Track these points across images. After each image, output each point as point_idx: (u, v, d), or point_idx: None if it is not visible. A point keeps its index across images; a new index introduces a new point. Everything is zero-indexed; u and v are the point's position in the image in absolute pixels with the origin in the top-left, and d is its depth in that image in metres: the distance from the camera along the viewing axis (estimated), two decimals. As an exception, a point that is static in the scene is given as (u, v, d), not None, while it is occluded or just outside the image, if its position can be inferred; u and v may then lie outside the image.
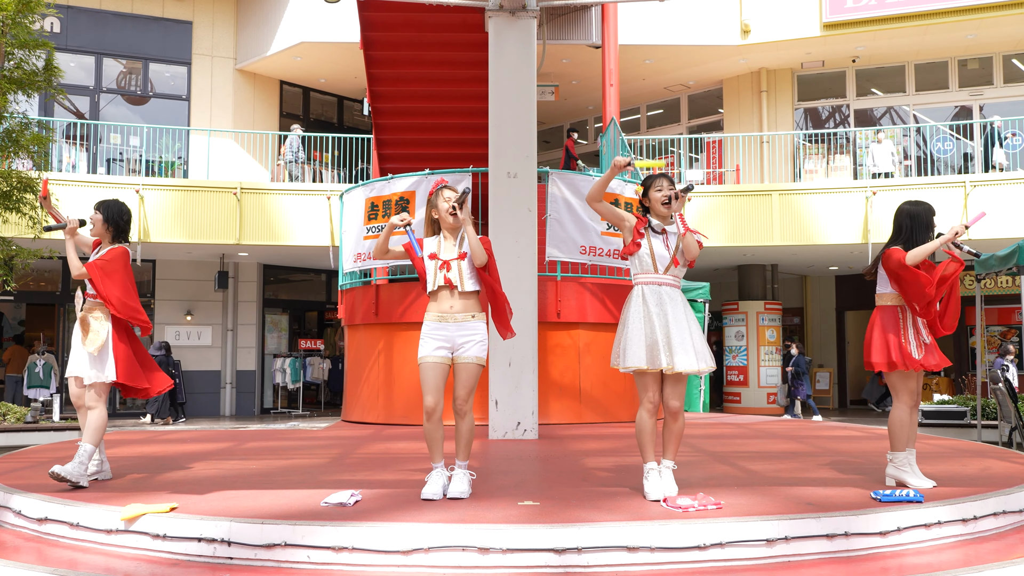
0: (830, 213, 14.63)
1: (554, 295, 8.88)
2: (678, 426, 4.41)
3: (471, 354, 4.41)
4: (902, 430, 4.64)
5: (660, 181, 4.45)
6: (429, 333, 4.43)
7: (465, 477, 4.41)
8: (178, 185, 14.96)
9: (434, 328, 4.43)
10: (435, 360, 4.38)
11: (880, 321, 4.69)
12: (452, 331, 4.41)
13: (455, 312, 4.42)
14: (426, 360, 4.38)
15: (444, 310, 4.43)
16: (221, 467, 5.64)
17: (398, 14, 10.20)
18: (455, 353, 4.42)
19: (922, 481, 4.52)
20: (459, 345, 4.41)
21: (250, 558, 3.63)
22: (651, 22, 15.80)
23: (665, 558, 3.56)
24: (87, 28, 16.72)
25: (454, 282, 4.41)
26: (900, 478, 4.58)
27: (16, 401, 15.15)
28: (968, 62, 17.02)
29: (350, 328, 10.24)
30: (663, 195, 4.37)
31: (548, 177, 8.84)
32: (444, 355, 4.40)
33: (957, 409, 11.19)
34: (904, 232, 4.67)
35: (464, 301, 4.44)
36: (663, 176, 4.49)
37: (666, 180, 4.46)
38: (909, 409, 4.65)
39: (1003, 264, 9.71)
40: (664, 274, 4.34)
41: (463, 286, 4.42)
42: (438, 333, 4.41)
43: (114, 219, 5.03)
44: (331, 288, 19.09)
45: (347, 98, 19.30)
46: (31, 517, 4.27)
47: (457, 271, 4.43)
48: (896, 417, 4.66)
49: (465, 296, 4.44)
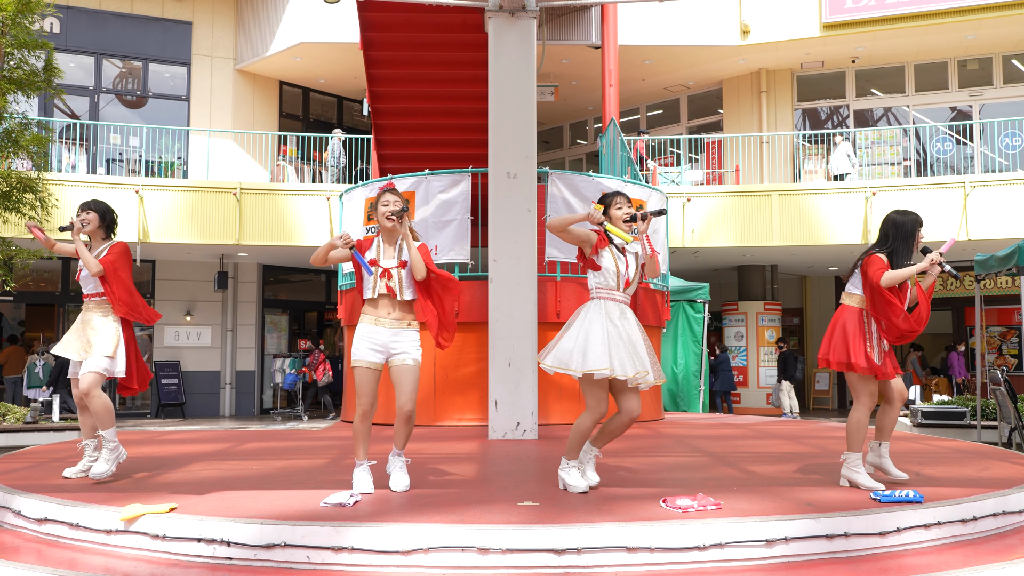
0: (830, 213, 14.64)
1: (554, 295, 8.88)
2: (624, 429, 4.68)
3: (409, 357, 4.48)
4: (859, 431, 4.64)
5: (619, 199, 4.56)
6: (363, 336, 4.49)
7: (404, 467, 4.60)
8: (178, 185, 14.96)
9: (368, 332, 4.49)
10: (368, 365, 4.48)
11: (845, 322, 4.67)
12: (386, 337, 4.48)
13: (392, 318, 4.49)
14: (359, 365, 4.48)
15: (381, 315, 4.49)
16: (221, 467, 5.64)
17: (398, 14, 10.20)
18: (389, 358, 4.50)
19: (871, 483, 4.50)
20: (393, 351, 4.49)
21: (249, 558, 3.63)
22: (651, 22, 15.81)
23: (665, 558, 3.56)
24: (87, 28, 16.72)
25: (395, 291, 4.47)
26: (852, 478, 4.59)
27: (16, 402, 15.14)
28: (968, 62, 17.03)
29: (350, 328, 10.24)
30: (624, 213, 4.51)
31: (548, 177, 8.84)
32: (378, 360, 4.49)
33: (957, 410, 11.19)
34: (889, 241, 4.70)
35: (401, 310, 4.51)
36: (620, 193, 4.60)
37: (623, 197, 4.58)
38: (868, 411, 4.67)
39: (1003, 265, 9.70)
40: (623, 291, 4.50)
41: (402, 295, 4.49)
42: (373, 338, 4.48)
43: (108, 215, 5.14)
44: (331, 288, 19.09)
45: (347, 98, 19.31)
46: (31, 517, 4.27)
47: (397, 280, 4.48)
48: (855, 418, 4.65)
49: (403, 305, 4.52)
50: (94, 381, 4.87)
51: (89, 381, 4.85)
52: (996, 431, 10.47)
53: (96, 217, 5.09)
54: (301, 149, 17.30)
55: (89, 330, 4.94)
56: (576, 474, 4.56)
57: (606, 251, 4.50)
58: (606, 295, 4.48)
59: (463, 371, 8.58)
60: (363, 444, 4.54)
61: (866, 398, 4.65)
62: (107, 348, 4.88)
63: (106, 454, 4.90)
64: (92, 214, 5.09)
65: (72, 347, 4.95)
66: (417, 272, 4.46)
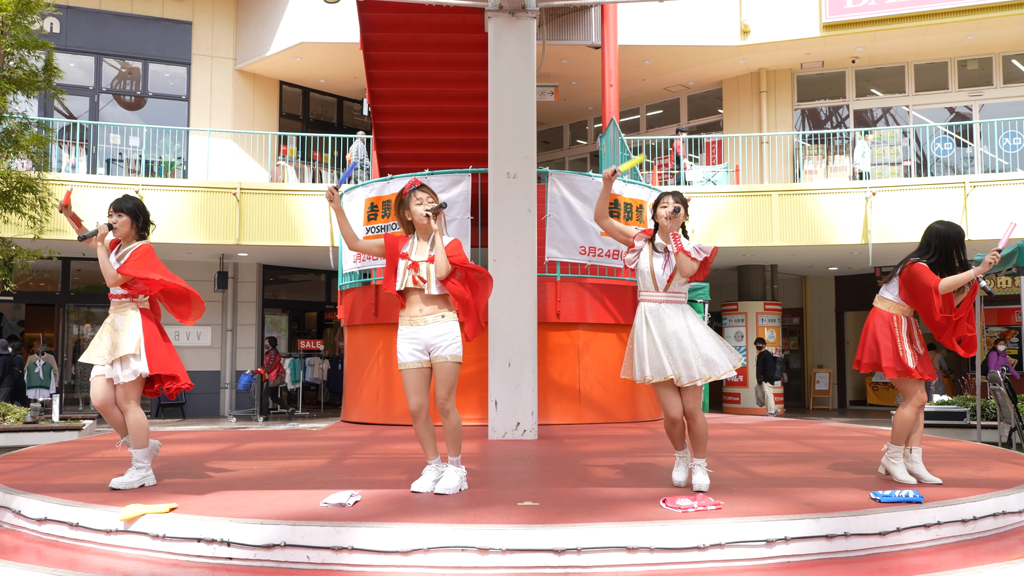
0: (830, 214, 14.64)
1: (554, 295, 8.88)
2: (697, 428, 4.59)
3: (447, 353, 4.50)
4: (904, 427, 4.80)
5: (666, 199, 4.60)
6: (404, 338, 4.54)
7: (456, 474, 4.53)
8: (178, 185, 14.96)
9: (407, 332, 4.53)
10: (413, 366, 4.51)
11: (876, 326, 4.84)
12: (424, 334, 4.50)
13: (425, 315, 4.50)
14: (406, 367, 4.52)
15: (414, 314, 4.52)
16: (220, 467, 5.64)
17: (398, 14, 10.20)
18: (431, 355, 4.51)
19: (905, 476, 4.71)
20: (433, 346, 4.50)
21: (249, 558, 3.63)
22: (651, 22, 15.81)
23: (664, 558, 3.56)
24: (87, 28, 16.72)
25: (420, 283, 4.47)
26: (888, 468, 4.82)
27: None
28: (968, 63, 17.03)
29: (350, 328, 10.24)
30: (668, 211, 4.56)
31: (548, 177, 8.84)
32: (421, 358, 4.51)
33: (957, 410, 11.19)
34: (933, 252, 4.76)
35: (432, 304, 4.51)
36: (670, 194, 4.62)
37: (671, 196, 4.59)
38: (916, 409, 4.81)
39: (1003, 265, 9.70)
40: (663, 291, 4.54)
41: (430, 288, 4.47)
42: (412, 338, 4.52)
43: (139, 215, 4.84)
44: (331, 288, 19.09)
45: (347, 98, 19.31)
46: (31, 517, 4.27)
47: (426, 272, 4.47)
48: (902, 414, 4.81)
49: (433, 299, 4.51)
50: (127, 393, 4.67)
51: (121, 395, 4.68)
52: (996, 431, 10.47)
53: (128, 220, 4.80)
54: (301, 149, 17.30)
55: (112, 332, 4.72)
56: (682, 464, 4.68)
57: (641, 253, 4.62)
58: (644, 296, 4.59)
59: (463, 371, 8.51)
60: (425, 444, 4.59)
61: (914, 398, 4.82)
62: (131, 347, 4.65)
63: (132, 471, 4.69)
64: (124, 217, 4.78)
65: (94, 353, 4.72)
66: (438, 270, 4.44)
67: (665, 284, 4.52)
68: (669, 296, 4.55)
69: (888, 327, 4.78)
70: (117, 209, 4.81)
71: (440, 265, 4.43)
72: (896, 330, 4.76)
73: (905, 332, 4.76)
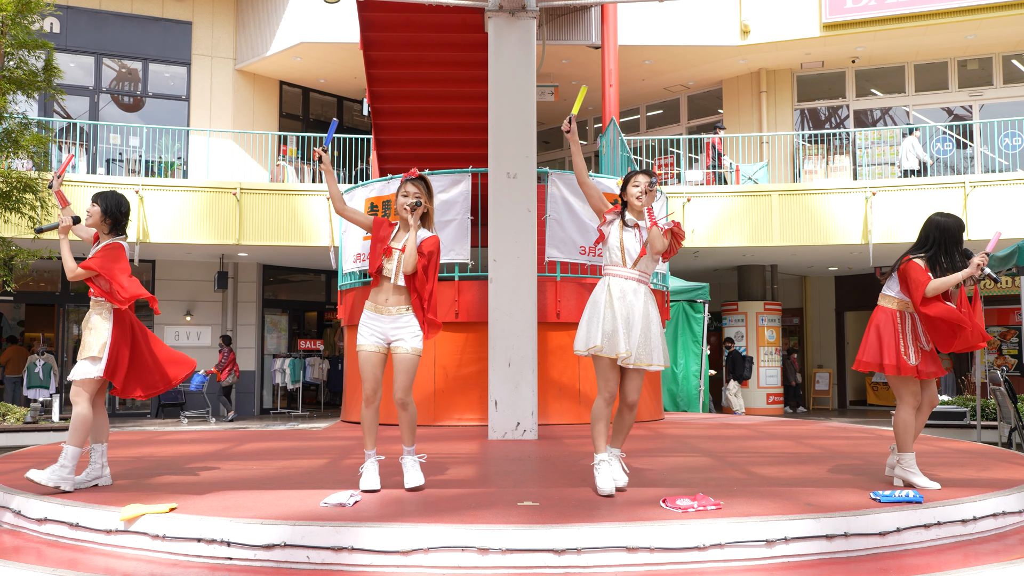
0: (830, 213, 14.63)
1: (554, 295, 8.88)
2: (630, 419, 4.58)
3: (408, 346, 4.51)
4: (906, 431, 4.66)
5: (637, 177, 4.56)
6: (365, 322, 4.58)
7: (416, 464, 4.57)
8: (178, 185, 14.96)
9: (370, 317, 4.57)
10: (371, 349, 4.53)
11: (878, 322, 4.72)
12: (386, 323, 4.53)
13: (389, 305, 4.53)
14: (363, 349, 4.54)
15: (380, 301, 4.55)
16: (220, 467, 5.64)
17: (398, 14, 10.20)
18: (391, 344, 4.54)
19: (928, 483, 4.52)
20: (393, 337, 4.53)
21: (249, 558, 3.63)
22: (651, 22, 15.81)
23: (664, 558, 3.56)
24: (87, 28, 16.72)
25: (387, 272, 4.51)
26: (908, 479, 4.60)
27: (16, 401, 15.15)
28: (968, 62, 17.03)
29: (350, 328, 10.24)
30: (639, 190, 4.50)
31: (548, 177, 8.84)
32: (380, 344, 4.54)
33: (957, 410, 11.19)
34: (931, 245, 4.63)
35: (398, 294, 4.54)
36: (642, 172, 4.58)
37: (643, 176, 4.54)
38: (912, 411, 4.67)
39: (1003, 265, 9.71)
40: (631, 268, 4.47)
41: (395, 278, 4.51)
42: (373, 324, 4.56)
43: (112, 211, 4.78)
44: (331, 288, 19.09)
45: (347, 98, 19.31)
46: (31, 517, 4.27)
47: (395, 262, 4.50)
48: (899, 419, 4.68)
49: (399, 290, 4.54)
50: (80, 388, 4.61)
51: (73, 390, 4.63)
52: (996, 431, 10.47)
53: (98, 211, 4.76)
54: (301, 149, 17.30)
55: (86, 330, 4.72)
56: (604, 469, 4.39)
57: (612, 226, 4.53)
58: (611, 272, 4.49)
59: (463, 371, 8.58)
60: (369, 433, 4.57)
61: (908, 398, 4.68)
62: (95, 349, 4.61)
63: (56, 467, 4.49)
64: (95, 207, 4.76)
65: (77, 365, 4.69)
66: (406, 265, 4.47)
67: (635, 260, 4.45)
68: (638, 274, 4.46)
69: (892, 323, 4.67)
70: (93, 200, 4.81)
71: (408, 260, 4.47)
72: (899, 326, 4.65)
73: (909, 328, 4.65)
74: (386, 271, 4.51)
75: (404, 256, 4.47)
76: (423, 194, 4.59)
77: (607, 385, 4.43)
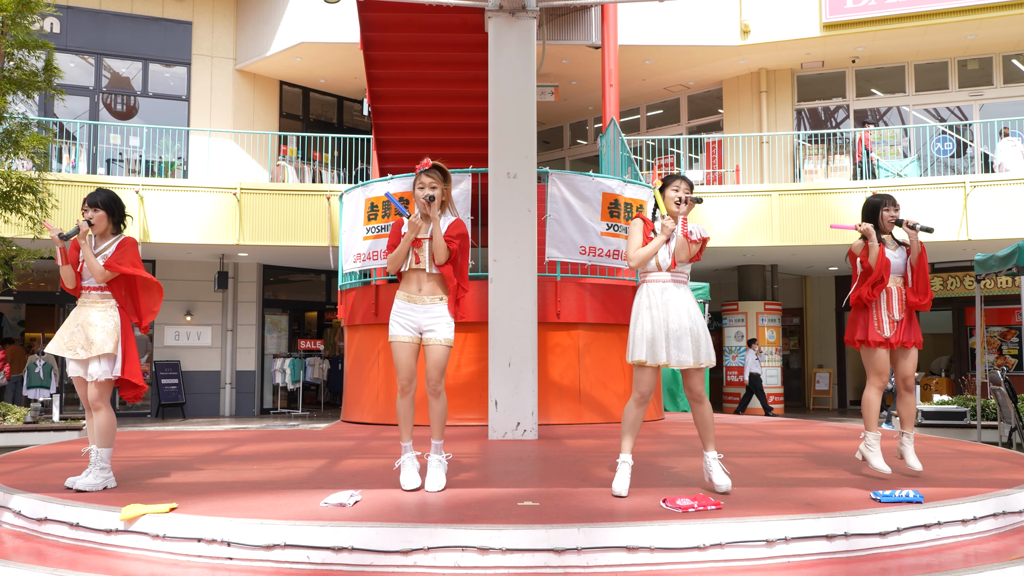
0: (830, 213, 14.64)
1: (554, 295, 8.88)
2: (705, 413, 4.55)
3: (439, 336, 4.56)
4: (869, 409, 5.01)
5: (678, 182, 4.59)
6: (397, 313, 4.61)
7: (441, 467, 4.59)
8: (178, 185, 14.96)
9: (402, 308, 4.60)
10: (405, 340, 4.57)
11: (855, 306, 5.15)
12: (419, 314, 4.58)
13: (423, 294, 4.58)
14: (397, 339, 4.58)
15: (412, 291, 4.60)
16: (221, 467, 5.64)
17: (398, 14, 10.20)
18: (423, 335, 4.59)
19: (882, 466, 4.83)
20: (425, 328, 4.58)
21: (249, 558, 3.63)
22: (651, 22, 15.80)
23: (665, 558, 3.56)
24: (87, 28, 16.72)
25: (422, 260, 4.57)
26: (865, 455, 4.97)
27: (16, 401, 15.15)
28: (968, 62, 17.03)
29: (350, 328, 10.24)
30: (677, 196, 4.55)
31: (548, 177, 8.84)
32: (413, 335, 4.58)
33: (957, 410, 11.19)
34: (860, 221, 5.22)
35: (431, 283, 4.60)
36: (682, 177, 4.62)
37: (684, 182, 4.60)
38: (878, 390, 5.00)
39: (1003, 265, 9.70)
40: (667, 271, 4.51)
41: (430, 267, 4.58)
42: (406, 315, 4.59)
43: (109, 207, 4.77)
44: (331, 288, 19.09)
45: (347, 98, 19.31)
46: (31, 517, 4.27)
47: (427, 251, 4.56)
48: (864, 398, 5.03)
49: (432, 277, 4.60)
50: (102, 392, 4.65)
51: (96, 393, 4.65)
52: (996, 431, 10.47)
53: (103, 215, 4.75)
54: (301, 149, 17.30)
55: (88, 326, 4.64)
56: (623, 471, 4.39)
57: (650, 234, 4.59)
58: (648, 278, 4.53)
59: (463, 371, 8.58)
60: (405, 425, 4.61)
61: (873, 377, 5.00)
62: (109, 346, 4.60)
63: (96, 471, 4.63)
64: (99, 212, 4.73)
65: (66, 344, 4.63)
66: (438, 256, 4.53)
67: (668, 265, 4.50)
68: (674, 276, 4.51)
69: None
70: (91, 204, 4.75)
71: (439, 251, 4.52)
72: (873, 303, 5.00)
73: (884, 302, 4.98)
74: (421, 262, 4.56)
75: (433, 246, 4.52)
76: (439, 182, 4.62)
77: (638, 387, 4.46)
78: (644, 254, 4.47)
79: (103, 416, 4.69)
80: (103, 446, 4.68)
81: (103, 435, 4.69)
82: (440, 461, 4.63)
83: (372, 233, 9.32)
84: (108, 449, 4.70)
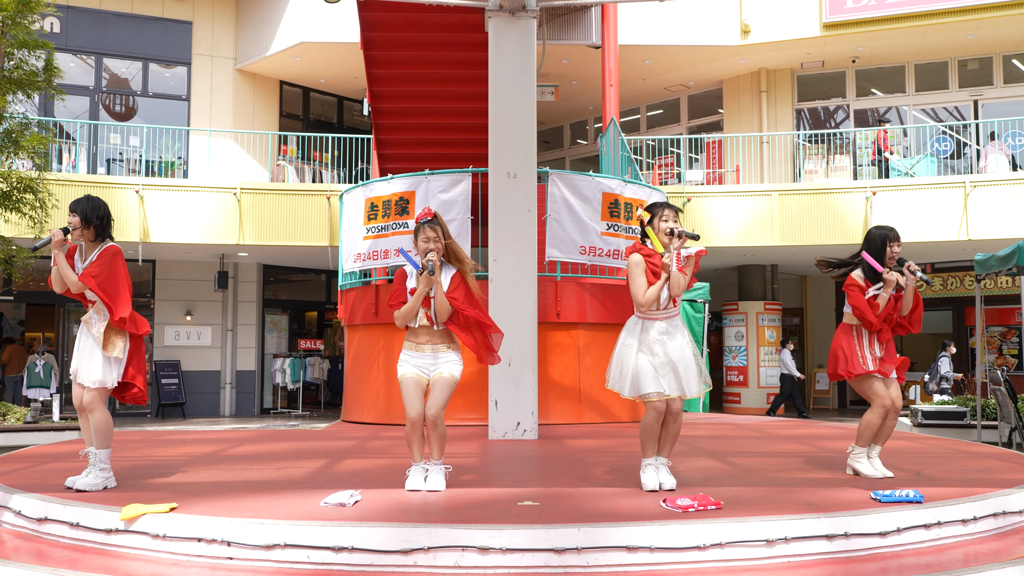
0: (830, 213, 14.63)
1: (554, 295, 8.88)
2: (674, 428, 4.65)
3: (446, 371, 4.68)
4: (867, 430, 5.10)
5: (665, 211, 4.61)
6: (406, 358, 4.72)
7: (440, 473, 4.68)
8: (178, 185, 14.96)
9: (410, 356, 4.71)
10: (413, 376, 4.65)
11: (837, 337, 5.19)
12: (427, 360, 4.69)
13: (431, 344, 4.69)
14: (406, 376, 4.66)
15: (420, 342, 4.70)
16: (221, 467, 5.64)
17: (398, 14, 10.20)
18: (431, 374, 4.68)
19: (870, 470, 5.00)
20: (433, 371, 4.68)
21: (249, 558, 3.63)
22: (651, 22, 15.80)
23: (665, 558, 3.56)
24: (87, 28, 16.71)
25: (432, 319, 4.66)
26: (855, 467, 5.09)
27: (16, 401, 15.15)
28: (968, 62, 17.02)
29: (350, 328, 10.24)
30: (668, 226, 4.56)
31: (548, 177, 8.84)
32: (420, 374, 4.68)
33: (957, 410, 11.18)
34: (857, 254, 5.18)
35: (439, 337, 4.70)
36: (669, 206, 4.63)
37: (671, 211, 4.61)
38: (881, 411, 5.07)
39: (1003, 265, 9.70)
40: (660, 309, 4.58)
41: (438, 324, 4.69)
42: (414, 360, 4.70)
43: (87, 216, 4.61)
44: (331, 288, 19.09)
45: (347, 98, 19.30)
46: (31, 517, 4.27)
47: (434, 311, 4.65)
48: (865, 419, 5.11)
49: (440, 333, 4.71)
50: (96, 396, 4.64)
51: (91, 397, 4.63)
52: (996, 431, 10.47)
53: (77, 220, 4.59)
54: (301, 149, 17.29)
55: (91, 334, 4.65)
56: (651, 471, 4.58)
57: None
58: (646, 315, 4.58)
59: (463, 371, 8.56)
60: (415, 448, 4.69)
61: (875, 399, 5.10)
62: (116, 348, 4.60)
63: (96, 471, 4.62)
64: (74, 218, 4.59)
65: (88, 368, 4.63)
66: (440, 316, 4.62)
67: (666, 303, 4.56)
68: (668, 312, 4.59)
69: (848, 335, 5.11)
70: (71, 210, 4.65)
71: (440, 311, 4.61)
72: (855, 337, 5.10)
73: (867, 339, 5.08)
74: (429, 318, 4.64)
75: (436, 308, 4.61)
76: (439, 237, 4.63)
77: (654, 405, 4.53)
78: (654, 295, 4.50)
79: (98, 418, 4.68)
80: (101, 447, 4.68)
81: (100, 436, 4.69)
82: (440, 469, 4.70)
83: (372, 233, 9.32)
84: (107, 450, 4.70)
